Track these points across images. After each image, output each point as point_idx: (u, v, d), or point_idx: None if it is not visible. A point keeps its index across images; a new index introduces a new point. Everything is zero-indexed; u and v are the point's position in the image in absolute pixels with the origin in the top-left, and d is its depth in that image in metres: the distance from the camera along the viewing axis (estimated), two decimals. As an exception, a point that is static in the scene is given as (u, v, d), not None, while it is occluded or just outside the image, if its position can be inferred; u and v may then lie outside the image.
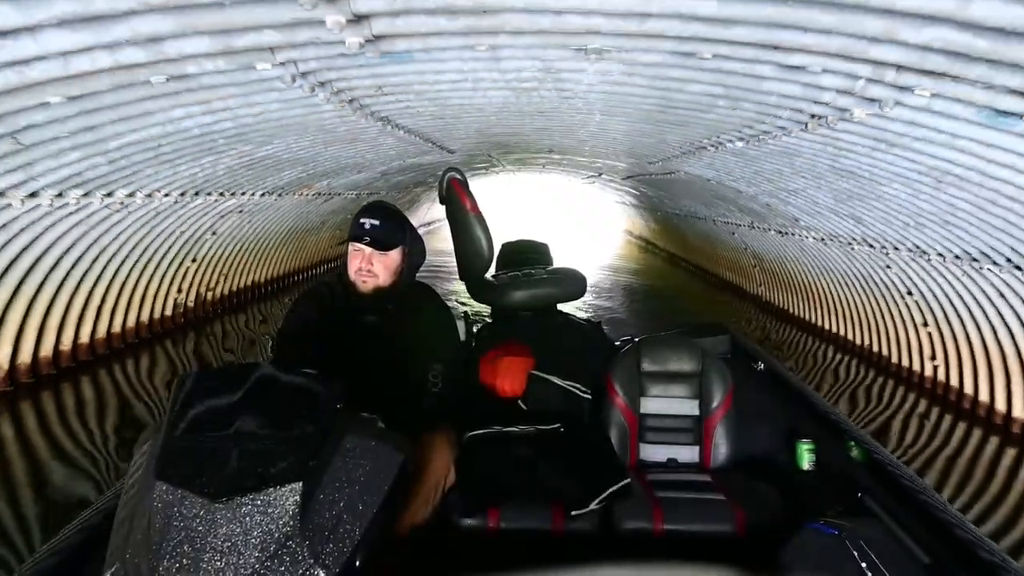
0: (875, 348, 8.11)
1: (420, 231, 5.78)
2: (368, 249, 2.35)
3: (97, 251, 6.46)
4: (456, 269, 3.55)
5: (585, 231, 25.00)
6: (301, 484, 1.42)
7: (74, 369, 6.27)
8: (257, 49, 3.39)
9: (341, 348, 2.40)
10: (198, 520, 1.37)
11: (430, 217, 21.57)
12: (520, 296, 3.48)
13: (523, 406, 3.10)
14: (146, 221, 6.67)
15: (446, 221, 3.53)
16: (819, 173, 5.86)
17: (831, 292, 9.15)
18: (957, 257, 6.02)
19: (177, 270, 7.94)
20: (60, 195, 5.20)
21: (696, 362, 3.03)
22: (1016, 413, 5.77)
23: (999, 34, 2.56)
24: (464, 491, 2.49)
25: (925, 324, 7.12)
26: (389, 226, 2.35)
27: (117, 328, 7.12)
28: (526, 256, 4.00)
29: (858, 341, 8.53)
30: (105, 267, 6.74)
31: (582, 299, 4.55)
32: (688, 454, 2.95)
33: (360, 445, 1.59)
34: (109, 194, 5.65)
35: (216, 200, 7.28)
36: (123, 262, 6.96)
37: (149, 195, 6.13)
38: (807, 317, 9.86)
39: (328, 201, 10.19)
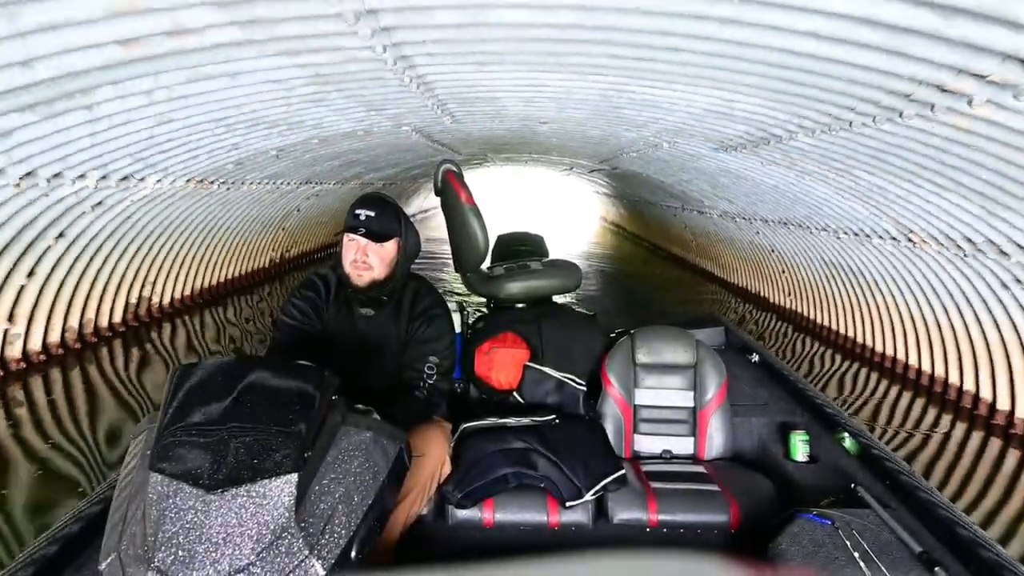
0: (755, 290, 12.15)
1: (418, 217, 7.52)
2: (363, 240, 2.50)
3: (247, 218, 10.26)
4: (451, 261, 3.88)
5: (565, 218, 27.07)
6: (296, 476, 1.57)
7: (221, 296, 10.40)
8: (406, 124, 7.47)
9: (336, 340, 2.62)
10: (193, 512, 1.51)
11: (427, 204, 23.66)
12: (515, 288, 3.74)
13: (518, 397, 3.31)
14: (275, 199, 10.48)
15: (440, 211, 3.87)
16: (688, 170, 9.36)
17: (731, 255, 12.93)
18: (782, 223, 9.44)
19: (274, 235, 12.21)
20: (259, 184, 9.05)
21: (691, 353, 3.26)
22: (833, 326, 9.46)
23: (710, 115, 5.68)
24: (459, 482, 2.68)
25: (783, 272, 10.90)
26: (384, 217, 2.52)
27: (242, 272, 11.31)
28: (521, 248, 4.28)
29: (748, 287, 12.44)
30: (247, 229, 10.66)
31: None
32: (682, 445, 3.19)
33: (355, 437, 1.76)
34: (273, 181, 9.39)
35: (311, 187, 10.98)
36: (255, 226, 10.92)
37: (288, 184, 9.92)
38: (721, 275, 13.72)
39: (365, 188, 13.05)
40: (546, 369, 3.34)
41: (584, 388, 3.39)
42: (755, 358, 3.95)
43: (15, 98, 3.85)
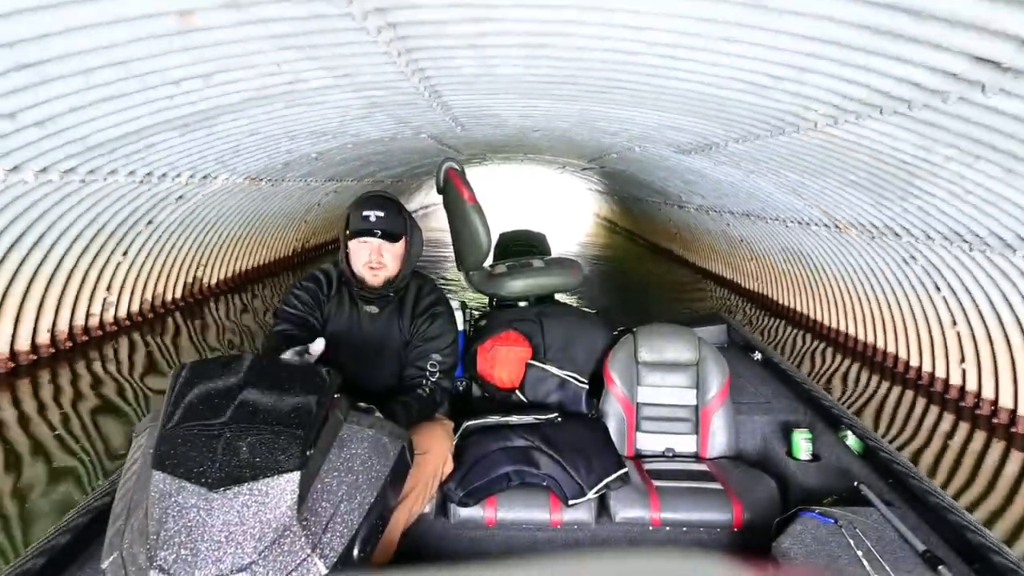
0: (729, 277, 12.72)
1: (419, 213, 7.83)
2: (377, 241, 2.44)
3: (278, 212, 11.35)
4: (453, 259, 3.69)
5: (560, 215, 28.03)
6: (298, 474, 1.56)
7: (254, 279, 11.64)
8: (424, 132, 8.29)
9: (339, 338, 2.56)
10: (195, 510, 1.50)
11: (428, 201, 24.88)
12: (518, 286, 3.74)
13: (521, 396, 3.25)
14: (303, 195, 11.36)
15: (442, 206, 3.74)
16: (662, 169, 10.11)
17: (709, 245, 13.46)
18: (744, 215, 10.10)
19: (298, 227, 13.13)
20: (294, 181, 10.09)
21: (693, 351, 3.19)
22: (792, 305, 10.18)
23: (663, 127, 6.68)
24: (461, 480, 2.65)
25: (751, 259, 11.39)
26: (395, 216, 2.48)
27: (271, 259, 12.42)
28: (523, 246, 4.31)
29: (722, 273, 13.09)
30: (278, 221, 11.78)
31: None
32: (685, 443, 3.13)
33: (357, 435, 1.76)
34: (305, 179, 10.32)
35: (333, 184, 11.87)
36: (284, 218, 12.00)
37: (316, 181, 10.81)
38: (702, 265, 14.25)
39: (377, 184, 14.18)
40: (548, 367, 3.28)
41: (586, 386, 3.29)
42: (757, 356, 3.87)
43: (174, 123, 5.23)
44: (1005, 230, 5.11)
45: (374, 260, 2.49)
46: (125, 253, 7.90)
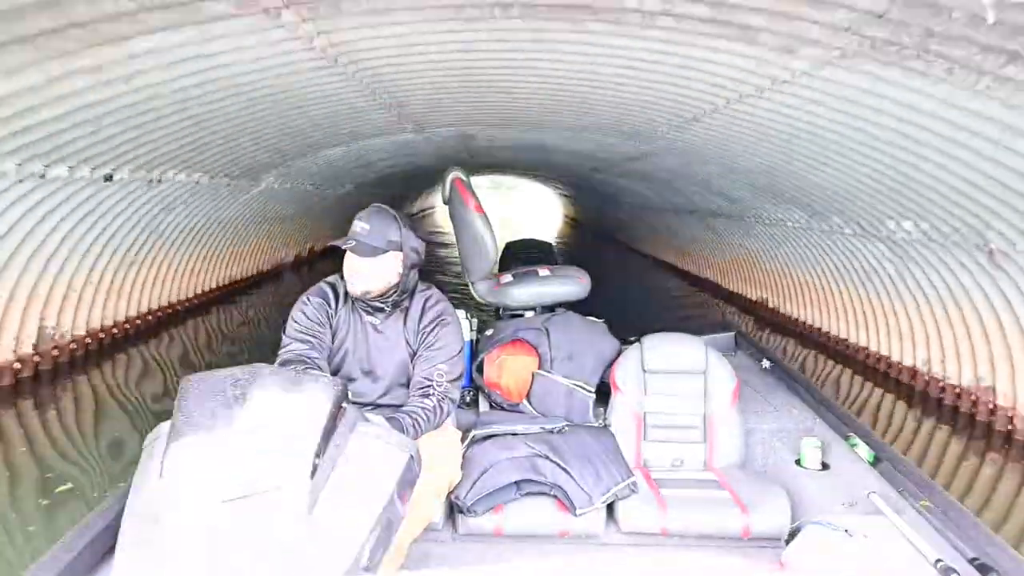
0: (669, 261, 14.09)
1: (417, 215, 9.74)
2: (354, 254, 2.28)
3: (337, 210, 13.09)
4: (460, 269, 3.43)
5: (537, 216, 30.77)
6: (306, 484, 1.57)
7: (317, 258, 14.17)
8: (447, 156, 9.74)
9: (345, 348, 2.50)
10: (204, 521, 1.52)
11: (426, 204, 26.69)
12: (524, 295, 3.65)
13: (528, 405, 3.13)
14: (343, 198, 12.80)
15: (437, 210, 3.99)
16: (595, 182, 12.72)
17: (651, 236, 14.79)
18: (663, 210, 11.85)
19: (343, 223, 17.78)
20: (354, 189, 12.28)
21: (701, 360, 3.07)
22: (708, 276, 12.08)
23: (577, 156, 10.19)
24: (469, 490, 2.54)
25: (680, 245, 12.91)
26: (378, 233, 2.41)
27: (318, 248, 14.23)
28: (530, 255, 4.22)
29: (664, 259, 14.40)
30: (333, 216, 13.48)
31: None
32: (693, 452, 2.98)
33: (364, 445, 1.74)
34: (345, 187, 12.19)
35: (347, 188, 12.86)
36: (336, 215, 13.42)
37: (355, 187, 12.49)
38: (650, 253, 15.51)
39: (388, 189, 15.73)
40: (555, 376, 3.20)
41: (593, 395, 3.15)
42: (766, 364, 3.77)
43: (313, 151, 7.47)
44: (775, 213, 7.61)
45: (353, 271, 2.44)
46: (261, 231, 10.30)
